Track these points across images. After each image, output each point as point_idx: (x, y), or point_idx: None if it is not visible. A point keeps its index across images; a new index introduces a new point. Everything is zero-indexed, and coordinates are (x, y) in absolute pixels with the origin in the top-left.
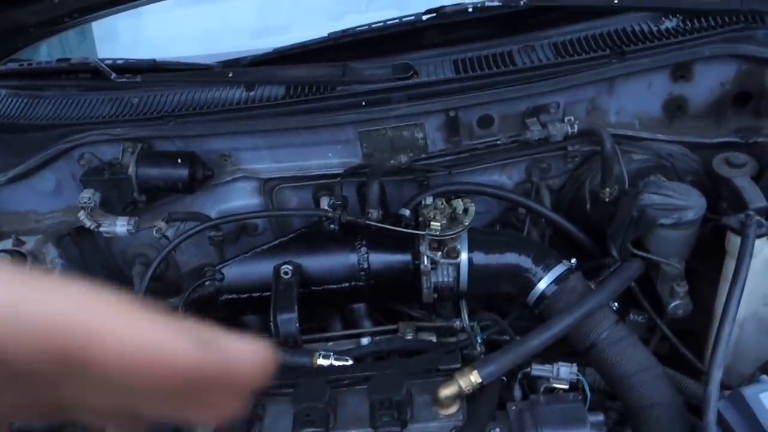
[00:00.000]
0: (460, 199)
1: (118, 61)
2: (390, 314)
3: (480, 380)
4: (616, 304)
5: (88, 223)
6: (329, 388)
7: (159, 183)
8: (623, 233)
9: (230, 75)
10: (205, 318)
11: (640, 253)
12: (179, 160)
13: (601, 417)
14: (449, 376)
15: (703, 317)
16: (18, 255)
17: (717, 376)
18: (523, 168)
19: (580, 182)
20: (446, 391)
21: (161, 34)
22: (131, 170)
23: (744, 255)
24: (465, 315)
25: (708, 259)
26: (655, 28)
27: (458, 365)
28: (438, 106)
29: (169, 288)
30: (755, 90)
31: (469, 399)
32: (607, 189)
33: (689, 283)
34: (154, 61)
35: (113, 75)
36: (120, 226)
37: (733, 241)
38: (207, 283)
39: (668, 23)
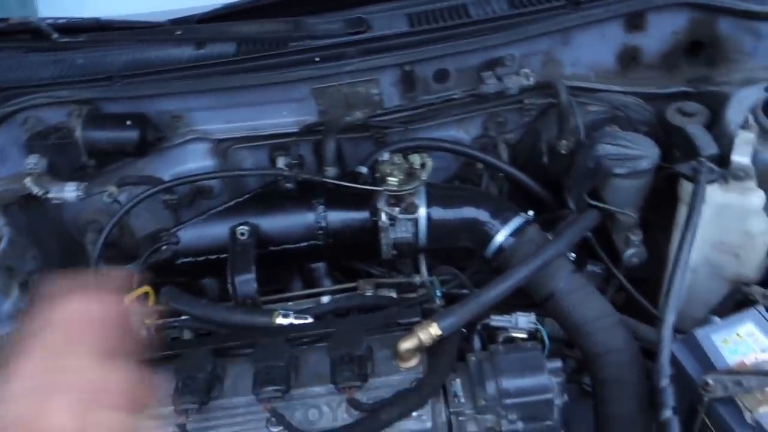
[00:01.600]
0: (417, 154)
1: (60, 21)
2: (350, 273)
3: (440, 332)
4: (573, 254)
5: (35, 190)
6: (289, 347)
7: (107, 146)
8: (579, 184)
9: (179, 32)
10: (164, 283)
11: (596, 203)
12: (128, 122)
13: (558, 363)
14: (409, 329)
15: (657, 266)
16: None
17: (670, 319)
18: (480, 122)
19: (536, 135)
20: (406, 345)
21: None
22: (78, 134)
23: (696, 200)
24: (424, 269)
25: (661, 208)
26: None
27: (418, 319)
28: (393, 60)
29: (126, 254)
30: (707, 39)
31: (430, 352)
32: (564, 141)
33: (644, 232)
34: (98, 19)
35: (55, 35)
36: (69, 191)
37: (686, 188)
38: (164, 247)
39: None
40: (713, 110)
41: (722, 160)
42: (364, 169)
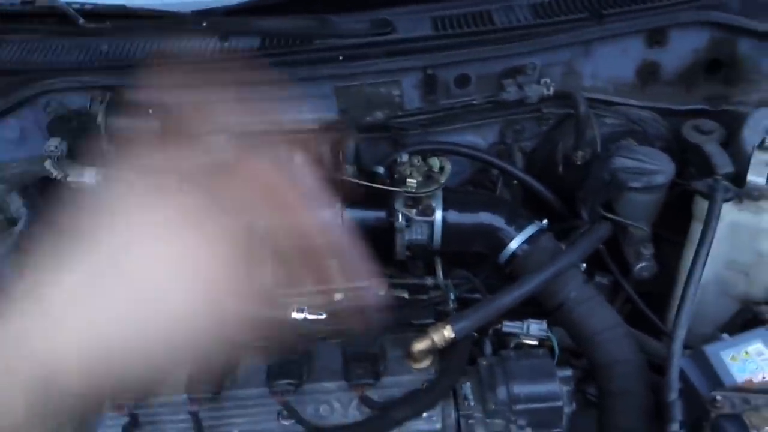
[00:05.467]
0: (436, 158)
1: (87, 6)
2: None
3: (453, 335)
4: (584, 265)
5: (54, 173)
6: (303, 341)
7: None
8: (594, 196)
9: (204, 24)
10: None
11: (609, 215)
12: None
13: (569, 372)
14: (422, 330)
15: (664, 280)
16: None
17: (681, 334)
18: (498, 129)
19: (553, 144)
20: (419, 345)
21: None
22: (100, 119)
23: (711, 218)
24: (440, 271)
25: (672, 223)
26: None
27: (431, 320)
28: (415, 63)
29: None
30: (726, 58)
31: (442, 354)
32: (580, 152)
33: (655, 247)
34: (124, 6)
35: (81, 20)
36: (88, 176)
37: (701, 205)
38: None
39: None
40: (730, 129)
41: (737, 179)
42: (381, 169)
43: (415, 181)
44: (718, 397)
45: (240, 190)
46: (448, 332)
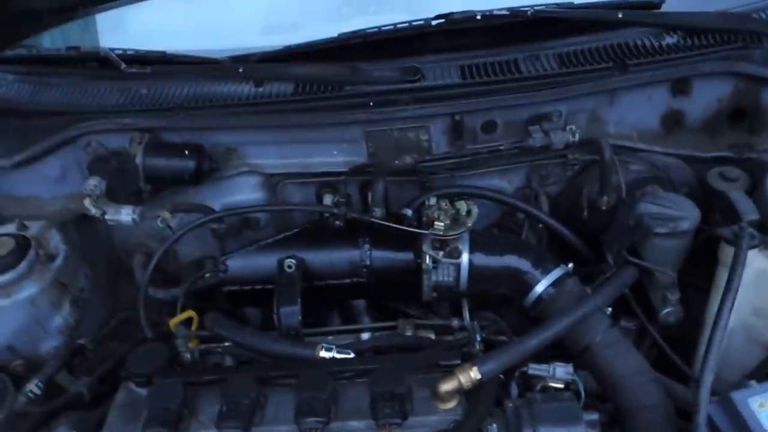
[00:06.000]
0: (463, 201)
1: (128, 52)
2: (388, 312)
3: (479, 376)
4: (610, 309)
5: (93, 211)
6: (331, 380)
7: (165, 174)
8: (619, 240)
9: (240, 70)
10: (207, 309)
11: (635, 260)
12: (186, 152)
13: (595, 416)
14: (449, 371)
15: (690, 326)
16: (22, 239)
17: (708, 380)
18: (524, 174)
19: (578, 189)
20: (446, 386)
21: (169, 27)
22: (138, 160)
23: (738, 264)
24: (466, 313)
25: (698, 269)
26: (656, 44)
27: (458, 362)
28: (444, 109)
29: (168, 278)
30: (750, 108)
31: (468, 395)
32: (605, 197)
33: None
34: (164, 53)
35: (123, 65)
36: (125, 214)
37: (726, 252)
38: (208, 274)
39: (669, 39)
40: (754, 177)
41: (762, 226)
42: (408, 212)
43: (442, 224)
44: None
45: None
46: (474, 373)
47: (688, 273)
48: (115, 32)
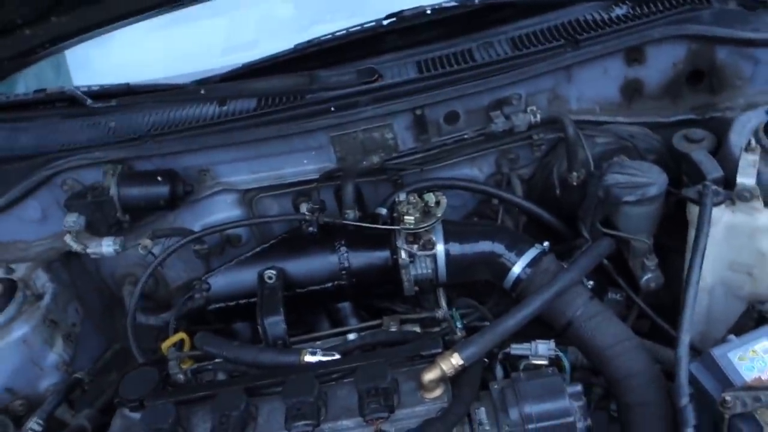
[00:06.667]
0: (431, 193)
1: (93, 88)
2: (376, 312)
3: (461, 362)
4: (591, 282)
5: (74, 246)
6: (318, 383)
7: (141, 202)
8: (592, 214)
9: (202, 92)
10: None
11: (609, 231)
12: (159, 178)
13: (578, 387)
14: (432, 361)
15: (677, 289)
16: (9, 282)
17: (686, 338)
18: (493, 160)
19: (548, 169)
20: (429, 375)
21: (134, 58)
22: (113, 191)
23: (703, 222)
24: (443, 302)
25: (675, 232)
26: (606, 16)
27: (440, 350)
28: (404, 105)
29: (162, 305)
30: (707, 68)
31: (453, 382)
32: (574, 173)
33: (661, 258)
34: (128, 85)
35: (89, 101)
36: (106, 246)
37: (693, 211)
38: (196, 296)
39: (618, 10)
40: (718, 135)
41: (729, 182)
42: (383, 211)
43: (412, 217)
44: (728, 398)
45: None
46: (456, 360)
47: (666, 238)
48: (85, 69)
